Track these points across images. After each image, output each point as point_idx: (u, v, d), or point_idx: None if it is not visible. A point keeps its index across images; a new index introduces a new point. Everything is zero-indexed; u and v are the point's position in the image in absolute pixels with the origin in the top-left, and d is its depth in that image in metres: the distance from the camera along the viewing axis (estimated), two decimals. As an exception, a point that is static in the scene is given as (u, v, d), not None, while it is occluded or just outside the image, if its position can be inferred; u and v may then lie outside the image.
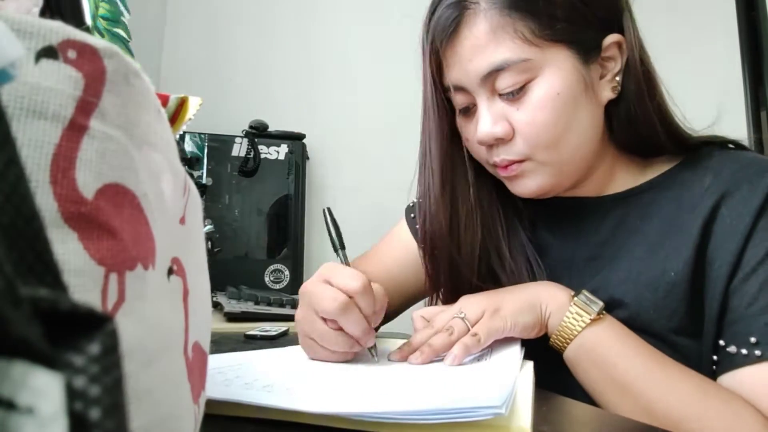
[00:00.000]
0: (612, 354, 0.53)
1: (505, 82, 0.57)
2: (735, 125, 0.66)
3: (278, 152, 1.46)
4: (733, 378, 0.52)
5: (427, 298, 0.76)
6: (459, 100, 0.63)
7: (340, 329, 0.52)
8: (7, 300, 0.10)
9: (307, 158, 1.52)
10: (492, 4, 0.57)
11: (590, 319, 0.54)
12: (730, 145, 0.65)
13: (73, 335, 0.12)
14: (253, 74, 1.63)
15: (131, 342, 0.19)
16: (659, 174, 0.64)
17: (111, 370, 0.12)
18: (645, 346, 0.53)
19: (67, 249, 0.18)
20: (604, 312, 0.55)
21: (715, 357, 0.55)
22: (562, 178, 0.62)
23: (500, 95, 0.59)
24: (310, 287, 0.54)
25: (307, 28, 1.70)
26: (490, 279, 0.67)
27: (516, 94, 0.58)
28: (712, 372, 0.54)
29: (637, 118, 0.61)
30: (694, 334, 0.56)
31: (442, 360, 0.54)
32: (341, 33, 1.72)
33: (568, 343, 0.55)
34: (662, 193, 0.63)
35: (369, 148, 1.70)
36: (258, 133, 1.45)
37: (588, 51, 0.59)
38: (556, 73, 0.57)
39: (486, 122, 0.60)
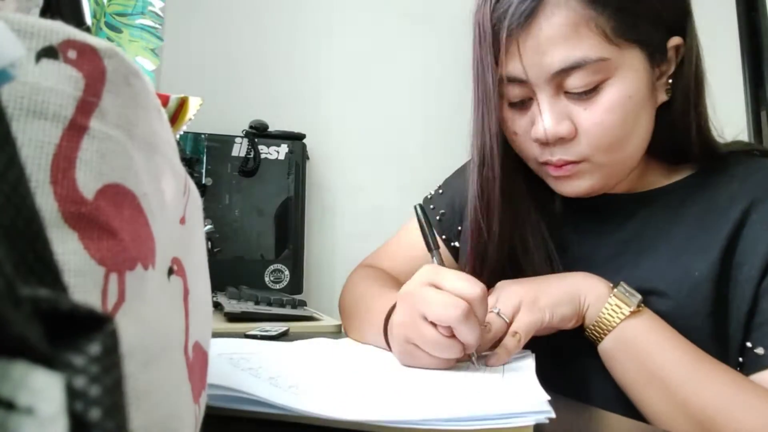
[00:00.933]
0: (649, 348, 0.52)
1: (577, 81, 0.54)
2: (735, 125, 0.66)
3: (278, 152, 1.46)
4: (761, 378, 0.52)
5: None
6: (514, 92, 0.59)
7: (453, 336, 0.49)
8: (7, 300, 0.10)
9: (308, 158, 1.52)
10: None
11: (629, 312, 0.53)
12: (756, 152, 0.65)
13: (73, 335, 0.12)
14: (253, 74, 1.63)
15: (131, 342, 0.19)
16: (686, 176, 0.64)
17: (111, 371, 0.12)
18: (682, 340, 0.53)
19: (67, 249, 0.18)
20: (642, 305, 0.54)
21: (740, 359, 0.55)
22: (612, 179, 0.61)
23: (566, 92, 0.56)
24: (416, 290, 0.51)
25: (308, 28, 1.70)
26: (513, 272, 0.65)
27: (587, 94, 0.55)
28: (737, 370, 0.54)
29: (675, 125, 0.60)
30: (716, 336, 0.56)
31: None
32: (342, 32, 1.72)
33: (604, 335, 0.54)
34: (689, 195, 0.62)
35: (369, 148, 1.70)
36: (258, 133, 1.45)
37: (655, 53, 0.57)
38: (629, 75, 0.55)
39: (549, 120, 0.56)
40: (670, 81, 0.59)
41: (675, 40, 0.58)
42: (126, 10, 0.83)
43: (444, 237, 0.78)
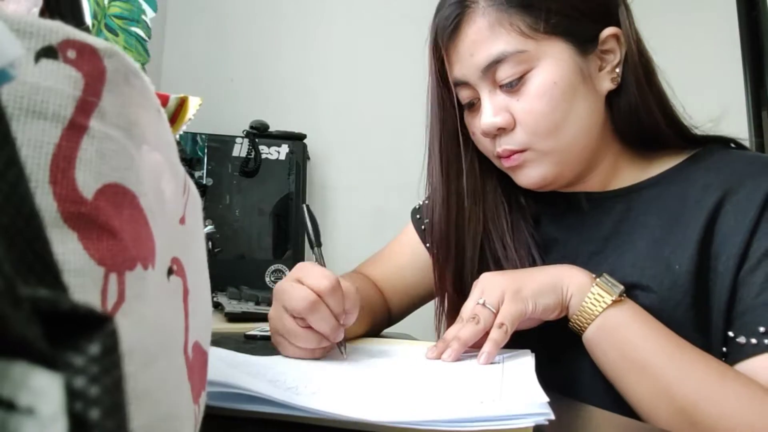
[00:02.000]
0: (631, 336, 0.54)
1: (503, 73, 0.60)
2: (736, 125, 0.67)
3: (279, 152, 1.46)
4: (744, 368, 0.52)
5: (437, 298, 0.76)
6: (464, 95, 0.66)
7: (309, 327, 0.53)
8: (7, 300, 0.10)
9: (308, 158, 1.52)
10: (490, 2, 0.60)
11: (612, 301, 0.55)
12: (732, 145, 0.66)
13: (73, 335, 0.12)
14: (254, 74, 1.63)
15: (131, 342, 0.19)
16: (664, 170, 0.65)
17: (111, 371, 0.12)
18: (664, 330, 0.54)
19: (67, 249, 0.18)
20: (624, 295, 0.56)
21: (724, 349, 0.55)
22: (563, 167, 0.64)
23: (501, 87, 0.62)
24: (283, 285, 0.56)
25: (308, 28, 1.70)
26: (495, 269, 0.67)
27: (515, 85, 0.61)
28: (720, 359, 0.55)
29: (637, 107, 0.63)
30: (699, 327, 0.57)
31: (454, 359, 0.55)
32: (342, 33, 1.72)
33: (588, 325, 0.56)
34: (666, 189, 0.64)
35: (369, 148, 1.70)
36: (258, 133, 1.45)
37: (584, 43, 0.61)
38: (553, 64, 0.59)
39: (488, 113, 0.62)
40: (617, 70, 0.62)
41: (609, 30, 0.62)
42: (124, 14, 0.83)
43: (428, 245, 0.79)
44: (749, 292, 0.54)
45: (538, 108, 0.60)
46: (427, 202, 0.83)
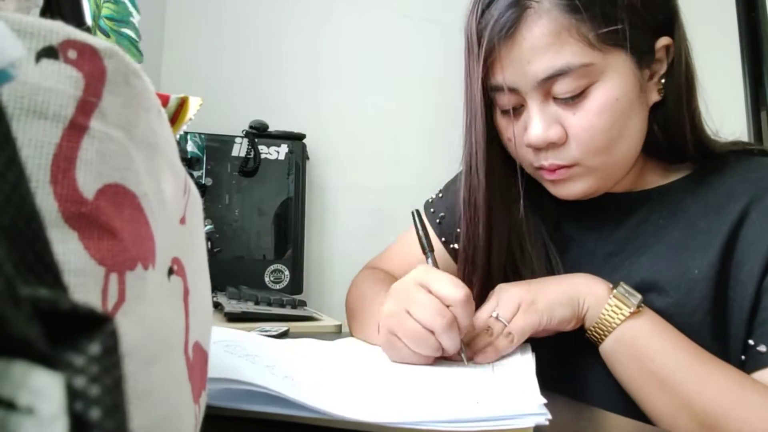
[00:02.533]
0: (650, 348, 0.52)
1: (564, 87, 0.55)
2: (735, 125, 0.66)
3: (278, 152, 1.46)
4: (763, 376, 0.52)
5: None
6: (506, 100, 0.60)
7: (432, 333, 0.51)
8: (7, 300, 0.10)
9: (308, 158, 1.52)
10: (555, 4, 0.54)
11: (629, 312, 0.53)
12: (755, 151, 0.65)
13: (73, 335, 0.12)
14: (253, 74, 1.63)
15: (131, 342, 0.19)
16: (684, 175, 0.64)
17: (111, 371, 0.12)
18: (683, 340, 0.53)
19: (68, 249, 0.18)
20: (642, 305, 0.54)
21: (743, 357, 0.55)
22: (606, 181, 0.62)
23: (554, 99, 0.57)
24: (407, 288, 0.53)
25: (308, 28, 1.70)
26: (513, 277, 0.66)
27: (574, 99, 0.56)
28: (739, 368, 0.54)
29: (669, 124, 0.60)
30: (715, 334, 0.56)
31: (450, 361, 0.54)
32: (341, 33, 1.72)
33: (605, 337, 0.55)
34: (687, 194, 0.62)
35: (369, 148, 1.70)
36: (258, 133, 1.45)
37: (643, 54, 0.57)
38: (615, 79, 0.55)
39: (539, 126, 0.57)
40: (662, 81, 0.60)
41: (663, 41, 0.58)
42: (115, 15, 0.83)
43: (444, 239, 0.79)
44: None
45: (597, 125, 0.56)
46: (440, 195, 0.83)
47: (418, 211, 0.65)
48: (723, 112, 0.65)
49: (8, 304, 0.10)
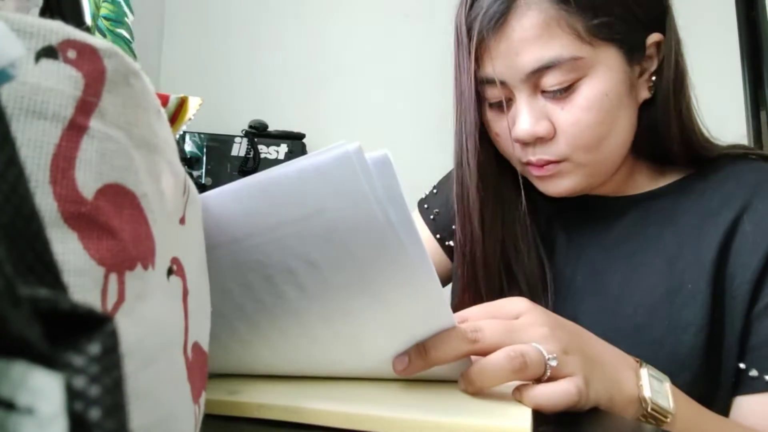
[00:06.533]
0: None
1: (552, 80, 0.54)
2: (735, 126, 0.66)
3: (278, 152, 1.46)
4: (752, 401, 0.51)
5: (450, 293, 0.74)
6: (494, 93, 0.59)
7: None
8: (7, 300, 0.10)
9: (307, 158, 1.52)
10: None
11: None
12: (752, 156, 0.63)
13: (73, 335, 0.12)
14: (253, 74, 1.63)
15: (131, 342, 0.19)
16: (676, 179, 0.63)
17: (111, 371, 0.12)
18: (710, 420, 0.48)
19: (67, 249, 0.18)
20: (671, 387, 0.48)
21: (733, 379, 0.53)
22: (595, 178, 0.61)
23: (543, 92, 0.56)
24: None
25: (307, 28, 1.70)
26: (506, 278, 0.65)
27: (562, 93, 0.55)
28: (728, 388, 0.53)
29: (657, 124, 0.59)
30: (709, 349, 0.54)
31: None
32: (341, 32, 1.72)
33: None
34: (680, 199, 0.61)
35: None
36: (258, 132, 1.45)
37: (633, 50, 0.56)
38: (605, 74, 0.54)
39: (527, 120, 0.56)
40: (653, 78, 0.59)
41: (654, 37, 0.58)
42: (110, 15, 0.83)
43: (438, 236, 0.78)
44: (766, 329, 0.51)
45: (585, 120, 0.55)
46: (435, 192, 0.82)
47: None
48: (722, 113, 0.65)
49: (8, 304, 0.10)
